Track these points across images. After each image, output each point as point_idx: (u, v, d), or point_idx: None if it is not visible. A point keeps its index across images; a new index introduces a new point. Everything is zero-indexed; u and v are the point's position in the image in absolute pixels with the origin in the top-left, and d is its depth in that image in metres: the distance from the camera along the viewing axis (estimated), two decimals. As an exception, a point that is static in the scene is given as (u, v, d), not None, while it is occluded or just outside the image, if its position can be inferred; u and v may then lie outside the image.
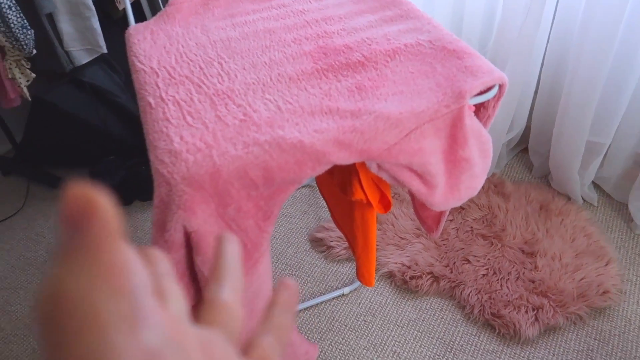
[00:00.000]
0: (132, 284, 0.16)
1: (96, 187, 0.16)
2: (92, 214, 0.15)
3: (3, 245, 1.68)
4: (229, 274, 0.24)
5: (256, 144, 0.65)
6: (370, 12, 0.93)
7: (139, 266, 0.17)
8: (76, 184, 0.15)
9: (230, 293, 0.24)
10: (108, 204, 0.16)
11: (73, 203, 0.15)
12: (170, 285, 0.21)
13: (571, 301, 1.31)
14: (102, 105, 1.77)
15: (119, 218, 0.16)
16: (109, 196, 0.16)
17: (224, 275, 0.24)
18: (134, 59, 0.85)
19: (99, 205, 0.16)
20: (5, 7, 1.40)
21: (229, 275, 0.24)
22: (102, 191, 0.16)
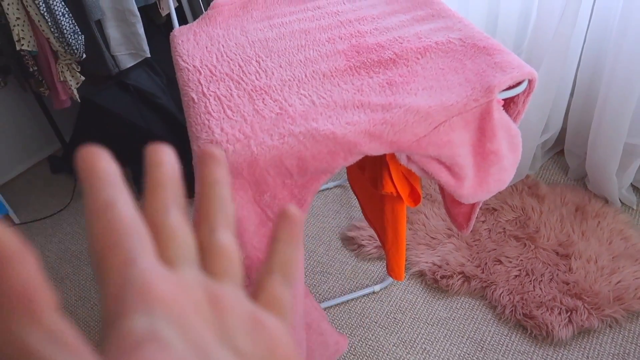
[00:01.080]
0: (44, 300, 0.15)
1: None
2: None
3: (52, 238, 1.78)
4: (220, 207, 0.22)
5: (291, 135, 0.69)
6: (403, 12, 0.96)
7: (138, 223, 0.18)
8: None
9: (225, 234, 0.21)
10: (5, 234, 0.15)
11: None
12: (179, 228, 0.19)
13: (607, 304, 1.28)
14: (145, 107, 1.86)
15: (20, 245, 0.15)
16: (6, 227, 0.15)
17: (214, 210, 0.22)
18: (178, 58, 0.90)
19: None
20: (59, 14, 1.50)
21: (220, 209, 0.22)
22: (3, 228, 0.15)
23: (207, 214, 0.21)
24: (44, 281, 0.15)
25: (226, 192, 0.22)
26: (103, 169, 0.18)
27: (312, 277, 1.51)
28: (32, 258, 0.15)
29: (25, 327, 0.15)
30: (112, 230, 0.17)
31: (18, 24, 1.51)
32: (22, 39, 1.53)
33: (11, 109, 1.97)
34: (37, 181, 2.06)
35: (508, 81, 0.72)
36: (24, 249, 0.15)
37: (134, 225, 0.17)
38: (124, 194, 0.18)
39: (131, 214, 0.18)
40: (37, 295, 0.15)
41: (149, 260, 0.17)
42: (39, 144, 2.12)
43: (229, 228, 0.21)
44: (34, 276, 0.15)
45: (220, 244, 0.21)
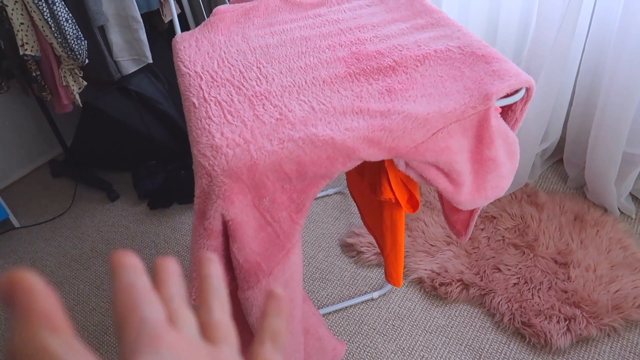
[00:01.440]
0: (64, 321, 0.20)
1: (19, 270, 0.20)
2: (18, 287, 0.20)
3: (51, 243, 1.79)
4: (215, 295, 0.27)
5: (291, 140, 0.69)
6: (402, 20, 0.97)
7: (152, 297, 0.23)
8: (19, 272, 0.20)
9: (220, 312, 0.26)
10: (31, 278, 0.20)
11: (5, 285, 0.20)
12: (182, 309, 0.25)
13: (605, 313, 1.28)
14: (146, 112, 1.87)
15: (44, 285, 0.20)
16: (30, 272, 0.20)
17: (211, 297, 0.27)
18: (179, 63, 0.91)
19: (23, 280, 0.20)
20: (63, 20, 1.52)
21: (215, 297, 0.27)
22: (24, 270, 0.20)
23: (205, 299, 0.27)
24: (63, 311, 0.20)
25: (220, 284, 0.28)
26: (128, 262, 0.24)
27: (311, 283, 1.51)
28: (52, 294, 0.20)
29: (47, 333, 0.19)
30: (131, 300, 0.22)
31: (22, 29, 1.52)
32: (26, 44, 1.54)
33: (13, 113, 1.98)
34: (38, 185, 2.07)
35: (506, 89, 0.73)
36: (47, 287, 0.20)
37: (149, 298, 0.23)
38: (143, 278, 0.24)
39: (146, 290, 0.23)
40: (57, 315, 0.20)
41: (159, 319, 0.22)
42: (41, 148, 2.13)
43: (224, 310, 0.27)
44: (54, 305, 0.20)
45: (217, 320, 0.26)
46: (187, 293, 0.26)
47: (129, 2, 1.64)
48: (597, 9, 1.41)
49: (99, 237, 1.78)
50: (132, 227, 1.81)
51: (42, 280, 0.20)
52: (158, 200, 1.86)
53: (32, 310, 0.19)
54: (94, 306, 1.54)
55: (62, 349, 0.19)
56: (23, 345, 0.18)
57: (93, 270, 1.66)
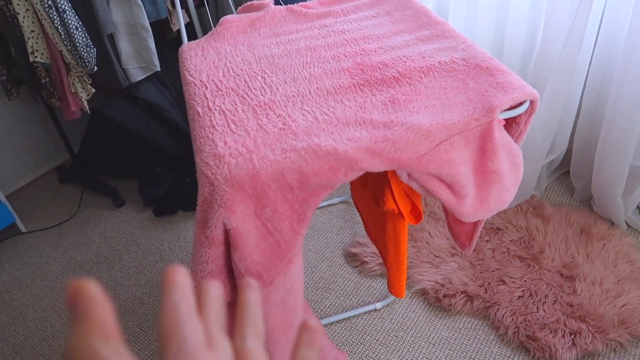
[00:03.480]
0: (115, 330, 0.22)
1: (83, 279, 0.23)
2: (81, 295, 0.23)
3: (57, 248, 1.80)
4: (251, 323, 0.29)
5: (293, 150, 0.70)
6: (407, 31, 0.97)
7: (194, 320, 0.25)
8: (73, 280, 0.23)
9: (254, 340, 0.28)
10: (93, 288, 0.23)
11: (70, 292, 0.23)
12: (219, 334, 0.26)
13: (611, 327, 1.27)
14: (153, 120, 1.89)
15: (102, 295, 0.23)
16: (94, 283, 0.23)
17: (246, 324, 0.28)
18: (185, 72, 0.92)
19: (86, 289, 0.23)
20: (73, 28, 1.54)
21: (250, 324, 0.28)
22: (87, 280, 0.23)
23: (240, 326, 0.28)
24: (114, 319, 0.23)
25: (257, 311, 0.30)
26: (178, 280, 0.26)
27: (314, 293, 1.50)
28: (109, 304, 0.23)
29: (100, 341, 0.21)
30: (174, 322, 0.24)
31: (32, 36, 1.54)
32: (36, 51, 1.57)
33: (22, 119, 2.01)
34: (45, 191, 2.08)
35: (509, 101, 0.73)
36: (105, 298, 0.23)
37: (192, 320, 0.25)
38: (188, 300, 0.26)
39: (190, 313, 0.25)
40: (111, 325, 0.22)
41: (198, 341, 0.24)
42: (48, 154, 2.15)
43: (258, 338, 0.28)
44: (109, 314, 0.23)
45: (249, 348, 0.27)
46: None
47: (138, 11, 1.66)
48: (604, 23, 1.41)
49: (104, 243, 1.79)
50: (137, 233, 1.81)
51: (101, 290, 0.23)
52: (163, 207, 1.87)
53: (89, 317, 0.22)
54: (97, 312, 1.54)
55: (111, 355, 0.21)
56: (77, 349, 0.21)
57: (97, 276, 1.66)
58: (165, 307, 0.25)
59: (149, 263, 1.69)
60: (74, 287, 0.22)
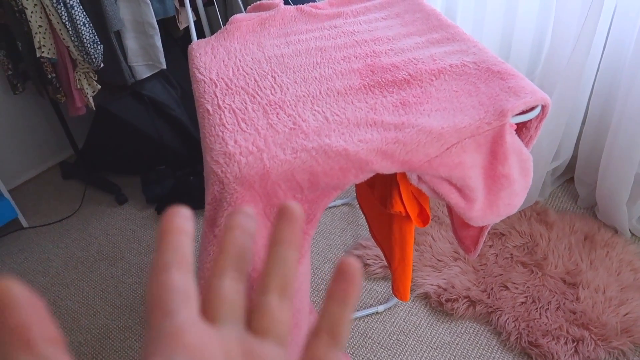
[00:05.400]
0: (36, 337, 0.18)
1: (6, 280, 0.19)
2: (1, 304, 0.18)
3: (59, 244, 1.79)
4: (277, 271, 0.23)
5: (304, 150, 0.69)
6: (418, 34, 0.97)
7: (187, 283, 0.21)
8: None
9: (274, 296, 0.22)
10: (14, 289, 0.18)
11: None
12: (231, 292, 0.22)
13: (614, 336, 1.26)
14: (158, 118, 1.89)
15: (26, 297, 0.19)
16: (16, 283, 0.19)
17: (271, 274, 0.23)
18: (195, 70, 0.92)
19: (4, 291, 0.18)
20: (80, 24, 1.54)
21: (276, 275, 0.23)
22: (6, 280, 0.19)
23: (265, 274, 0.23)
24: (45, 320, 0.19)
25: (291, 254, 0.23)
26: (175, 228, 0.22)
27: (317, 294, 1.50)
28: (33, 303, 0.18)
29: (20, 354, 0.17)
30: (161, 288, 0.20)
31: (40, 31, 1.54)
32: (43, 47, 1.56)
33: (27, 114, 2.00)
34: (48, 186, 2.08)
35: (521, 106, 0.72)
36: (26, 296, 0.18)
37: (181, 286, 0.20)
38: (183, 258, 0.21)
39: (181, 276, 0.21)
40: (34, 331, 0.18)
41: (187, 314, 0.20)
42: (52, 149, 2.15)
43: (282, 290, 0.23)
44: (33, 316, 0.18)
45: (268, 305, 0.22)
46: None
47: (145, 8, 1.66)
48: (613, 30, 1.41)
49: (106, 240, 1.79)
50: (138, 231, 1.81)
51: (25, 290, 0.19)
52: (166, 205, 1.86)
53: (6, 325, 0.18)
54: (98, 309, 1.53)
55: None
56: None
57: (98, 273, 1.66)
58: (155, 266, 0.21)
59: (151, 261, 1.68)
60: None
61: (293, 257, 0.23)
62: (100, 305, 1.55)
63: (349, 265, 0.23)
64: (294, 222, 0.24)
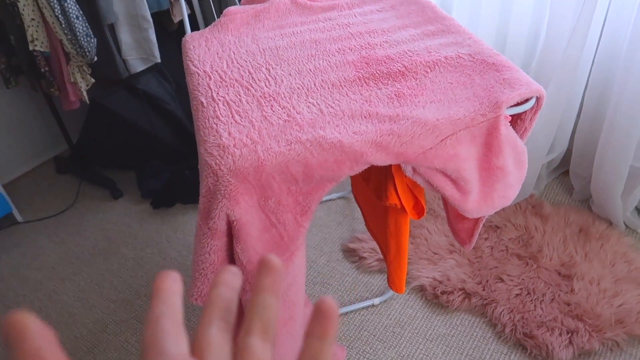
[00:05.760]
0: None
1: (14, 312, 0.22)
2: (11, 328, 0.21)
3: (54, 238, 1.78)
4: (259, 316, 0.25)
5: (298, 142, 0.69)
6: (413, 26, 0.97)
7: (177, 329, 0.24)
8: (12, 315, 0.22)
9: (256, 339, 0.24)
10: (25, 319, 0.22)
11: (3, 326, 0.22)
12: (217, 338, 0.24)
13: (608, 327, 1.27)
14: (153, 112, 1.88)
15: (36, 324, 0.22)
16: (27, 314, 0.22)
17: (253, 318, 0.25)
18: (189, 62, 0.91)
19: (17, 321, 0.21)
20: (73, 17, 1.52)
21: (258, 319, 0.25)
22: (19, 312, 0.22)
23: (249, 318, 0.26)
24: (56, 347, 0.21)
25: (272, 301, 0.26)
26: (166, 288, 0.25)
27: (312, 288, 1.50)
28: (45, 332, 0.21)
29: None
30: (155, 334, 0.23)
31: (32, 24, 1.53)
32: (36, 40, 1.55)
33: (21, 108, 1.99)
34: (43, 181, 2.07)
35: (516, 97, 0.72)
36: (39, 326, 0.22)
37: (173, 332, 0.23)
38: (173, 311, 0.24)
39: (172, 324, 0.24)
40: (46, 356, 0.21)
41: (178, 351, 0.23)
42: (46, 144, 2.13)
43: (264, 333, 0.25)
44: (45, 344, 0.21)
45: (251, 346, 0.24)
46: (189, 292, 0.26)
47: (139, 2, 1.65)
48: (608, 22, 1.41)
49: (101, 234, 1.78)
50: (134, 225, 1.80)
51: (37, 321, 0.22)
52: (161, 199, 1.86)
53: (22, 352, 0.21)
54: (93, 303, 1.53)
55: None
56: None
57: (94, 268, 1.65)
58: (148, 318, 0.24)
59: (147, 255, 1.68)
60: (4, 322, 0.21)
61: (274, 303, 0.26)
62: (96, 299, 1.54)
63: (326, 305, 0.26)
64: (274, 273, 0.27)
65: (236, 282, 0.27)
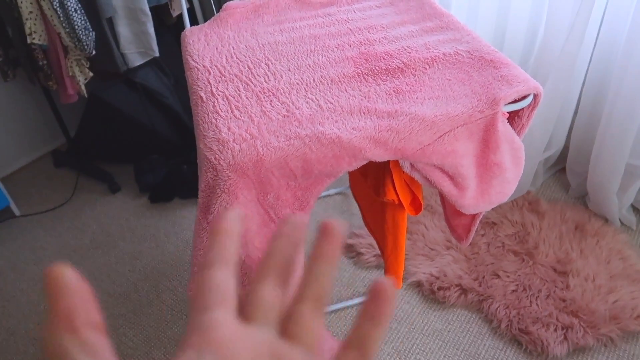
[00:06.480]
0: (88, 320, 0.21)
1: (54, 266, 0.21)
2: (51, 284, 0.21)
3: (51, 232, 1.79)
4: (313, 283, 0.24)
5: (297, 138, 0.69)
6: (412, 22, 0.97)
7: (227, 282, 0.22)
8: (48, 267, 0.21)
9: (308, 306, 0.24)
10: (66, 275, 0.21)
11: (45, 280, 0.21)
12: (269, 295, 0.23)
13: (603, 323, 1.28)
14: (151, 106, 1.87)
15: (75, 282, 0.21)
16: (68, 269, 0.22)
17: (308, 284, 0.24)
18: (188, 57, 0.91)
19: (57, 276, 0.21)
20: (72, 10, 1.52)
21: (312, 286, 0.24)
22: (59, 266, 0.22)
23: (302, 284, 0.24)
24: (90, 306, 0.21)
25: (328, 269, 0.25)
26: (223, 230, 0.24)
27: (310, 283, 1.51)
28: (81, 289, 0.21)
29: (65, 336, 0.20)
30: (203, 284, 0.22)
31: (30, 17, 1.52)
32: (34, 33, 1.55)
33: (19, 101, 1.98)
34: (40, 174, 2.07)
35: (514, 94, 0.73)
36: (76, 282, 0.21)
37: (221, 284, 0.22)
38: (227, 258, 0.23)
39: (222, 275, 0.22)
40: (78, 316, 0.21)
41: (223, 311, 0.21)
42: (44, 137, 2.13)
43: (316, 302, 0.24)
44: (79, 302, 0.21)
45: (302, 313, 0.23)
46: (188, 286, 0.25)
47: (138, -5, 1.64)
48: (606, 20, 1.41)
49: (99, 228, 1.78)
50: (132, 219, 1.81)
51: (75, 277, 0.21)
52: (159, 194, 1.86)
53: (56, 309, 0.20)
54: (91, 297, 1.54)
55: (76, 349, 0.20)
56: (45, 345, 0.20)
57: (92, 262, 1.66)
58: (202, 262, 0.23)
59: (144, 249, 1.68)
60: (47, 275, 0.21)
61: (330, 271, 0.25)
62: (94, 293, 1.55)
63: (383, 285, 0.24)
64: (334, 240, 0.26)
65: (300, 234, 0.26)
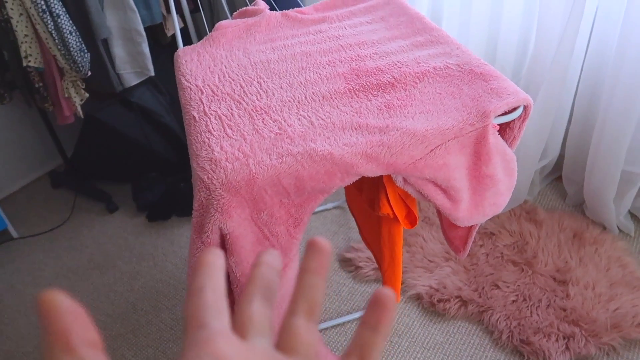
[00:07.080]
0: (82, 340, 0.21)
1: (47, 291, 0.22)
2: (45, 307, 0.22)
3: (49, 254, 1.78)
4: (305, 296, 0.25)
5: (289, 155, 0.70)
6: (402, 37, 0.98)
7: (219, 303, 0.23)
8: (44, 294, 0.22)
9: (301, 318, 0.25)
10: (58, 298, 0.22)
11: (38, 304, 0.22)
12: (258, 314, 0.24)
13: (604, 331, 1.28)
14: (148, 125, 1.88)
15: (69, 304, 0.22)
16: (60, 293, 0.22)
17: (299, 298, 0.25)
18: (181, 77, 0.92)
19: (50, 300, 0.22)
20: (66, 32, 1.53)
21: (304, 299, 0.25)
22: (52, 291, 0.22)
23: (294, 298, 0.25)
24: (86, 326, 0.22)
25: (318, 281, 0.26)
26: (209, 262, 0.25)
27: (309, 298, 1.50)
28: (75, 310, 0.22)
29: (63, 356, 0.21)
30: (197, 306, 0.23)
31: (26, 40, 1.54)
32: (30, 56, 1.56)
33: (15, 123, 1.99)
34: (38, 196, 2.07)
35: (504, 107, 0.73)
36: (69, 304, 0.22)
37: (214, 303, 0.23)
38: (216, 283, 0.24)
39: (215, 296, 0.23)
40: (75, 335, 0.21)
41: (219, 325, 0.22)
42: (41, 158, 2.13)
43: (309, 314, 0.25)
44: (74, 322, 0.22)
45: (296, 326, 0.24)
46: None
47: (132, 16, 1.66)
48: (595, 30, 1.43)
49: (97, 248, 1.78)
50: (130, 239, 1.80)
51: (67, 299, 0.22)
52: (157, 212, 1.86)
53: (51, 331, 0.21)
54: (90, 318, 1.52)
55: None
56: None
57: (90, 282, 1.65)
58: (191, 290, 0.24)
59: (143, 269, 1.68)
60: (40, 300, 0.22)
61: (320, 284, 0.26)
62: (93, 314, 1.53)
63: (383, 294, 0.25)
64: (322, 254, 0.27)
65: (277, 263, 0.27)
